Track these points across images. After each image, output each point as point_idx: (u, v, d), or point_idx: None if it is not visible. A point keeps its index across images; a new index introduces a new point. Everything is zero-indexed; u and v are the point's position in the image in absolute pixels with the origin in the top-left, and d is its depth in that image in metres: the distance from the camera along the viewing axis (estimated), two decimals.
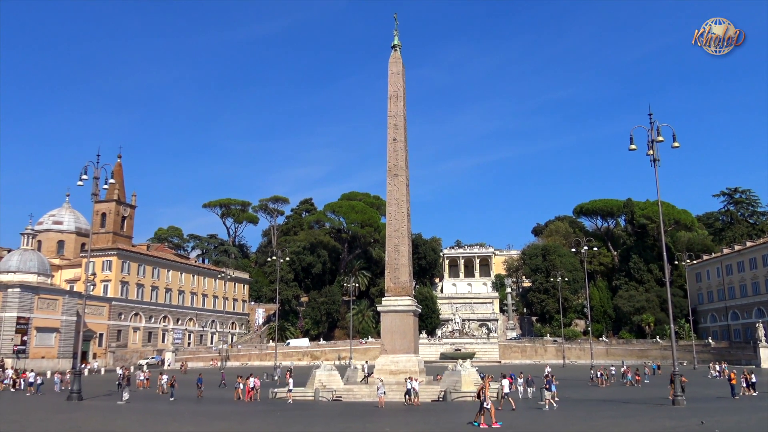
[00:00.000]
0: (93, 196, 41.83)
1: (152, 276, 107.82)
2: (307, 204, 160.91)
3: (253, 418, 29.69)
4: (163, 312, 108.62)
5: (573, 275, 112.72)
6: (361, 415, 30.84)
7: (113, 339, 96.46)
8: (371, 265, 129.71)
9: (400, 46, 47.21)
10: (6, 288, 77.76)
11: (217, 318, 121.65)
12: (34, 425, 25.75)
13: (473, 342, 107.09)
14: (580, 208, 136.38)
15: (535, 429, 25.63)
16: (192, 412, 31.89)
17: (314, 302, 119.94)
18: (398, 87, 46.33)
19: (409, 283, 43.79)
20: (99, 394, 42.24)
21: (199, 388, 42.11)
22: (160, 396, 42.80)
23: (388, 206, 45.64)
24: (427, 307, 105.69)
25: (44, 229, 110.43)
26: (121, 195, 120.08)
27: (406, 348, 42.30)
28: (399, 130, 45.57)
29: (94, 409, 33.51)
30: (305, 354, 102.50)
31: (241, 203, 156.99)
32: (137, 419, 28.18)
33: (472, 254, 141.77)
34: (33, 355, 77.70)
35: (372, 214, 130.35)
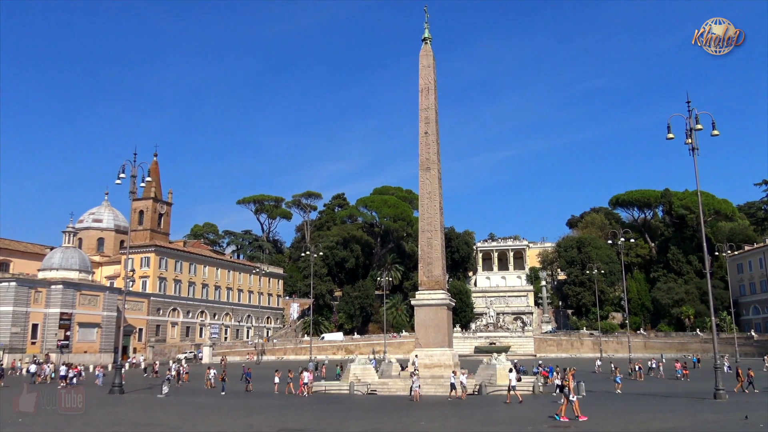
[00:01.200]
0: (131, 195, 42.67)
1: (189, 272, 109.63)
2: (340, 199, 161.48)
3: (289, 411, 30.00)
4: (200, 307, 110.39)
5: (609, 267, 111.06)
6: (396, 408, 30.92)
7: (152, 334, 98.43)
8: (404, 259, 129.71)
9: (430, 38, 46.96)
10: (49, 285, 79.91)
11: (252, 313, 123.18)
12: (78, 418, 26.42)
13: (508, 335, 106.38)
14: (616, 200, 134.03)
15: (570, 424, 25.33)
16: (231, 406, 32.33)
17: (348, 297, 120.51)
18: (429, 80, 46.12)
19: (442, 277, 43.67)
20: (140, 388, 43.20)
21: (248, 382, 42.20)
22: (208, 390, 43.03)
23: (421, 200, 45.55)
24: (461, 301, 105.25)
25: (85, 227, 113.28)
26: (157, 193, 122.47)
27: (441, 342, 42.24)
28: (430, 123, 45.38)
29: (135, 402, 34.27)
30: (339, 348, 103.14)
31: (274, 199, 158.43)
32: (177, 412, 28.72)
33: (505, 247, 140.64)
34: (76, 349, 79.74)
35: (404, 208, 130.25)
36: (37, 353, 74.10)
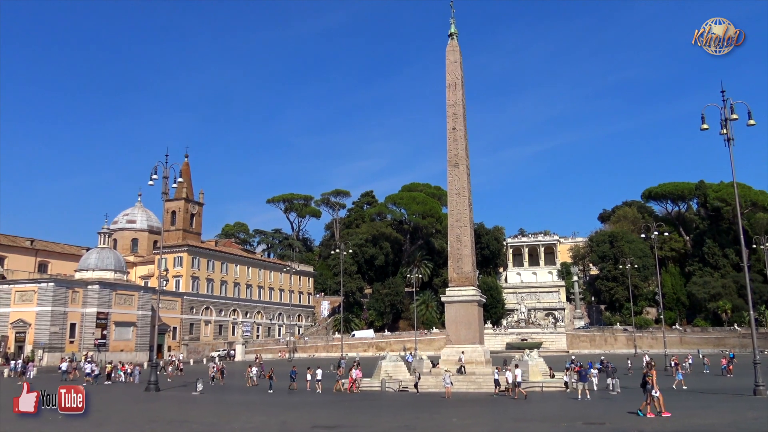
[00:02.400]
0: (163, 195, 43.35)
1: (221, 271, 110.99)
2: (368, 197, 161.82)
3: (322, 408, 30.20)
4: (233, 305, 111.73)
5: (643, 262, 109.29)
6: (428, 405, 30.90)
7: (186, 332, 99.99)
8: (434, 255, 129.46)
9: (457, 34, 46.66)
10: (86, 285, 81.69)
11: (283, 311, 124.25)
12: (115, 414, 26.98)
13: (540, 332, 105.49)
14: (648, 193, 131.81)
15: (606, 420, 25.01)
16: (265, 403, 32.66)
17: (378, 294, 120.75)
18: (456, 75, 45.87)
19: (472, 273, 43.46)
20: (175, 385, 43.90)
21: (292, 380, 41.67)
22: (250, 388, 42.98)
23: (449, 196, 45.35)
24: (492, 297, 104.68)
25: (119, 228, 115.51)
26: (189, 193, 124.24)
27: (471, 338, 42.06)
28: (458, 119, 45.15)
29: (171, 399, 34.84)
30: (370, 345, 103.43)
31: (303, 198, 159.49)
32: (211, 409, 29.12)
33: (536, 242, 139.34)
34: (112, 348, 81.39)
35: (433, 204, 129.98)
36: (76, 352, 75.87)
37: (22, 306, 78.58)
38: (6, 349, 76.05)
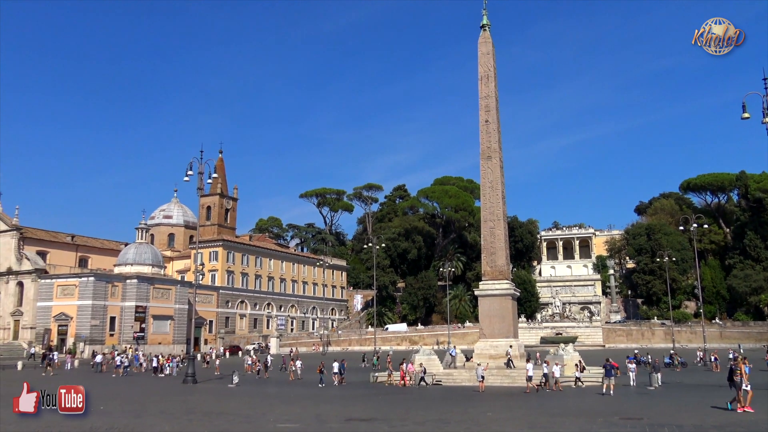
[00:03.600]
0: (198, 191, 44.03)
1: (255, 265, 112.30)
2: (401, 190, 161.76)
3: (357, 401, 30.36)
4: (267, 299, 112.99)
5: (681, 255, 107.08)
6: (462, 399, 30.82)
7: (222, 325, 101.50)
8: (466, 249, 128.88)
9: (489, 25, 46.20)
10: (125, 279, 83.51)
11: (317, 304, 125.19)
12: (153, 406, 27.56)
13: (575, 326, 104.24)
14: (687, 184, 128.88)
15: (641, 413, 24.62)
16: (300, 395, 32.97)
17: (411, 288, 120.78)
18: (489, 67, 45.43)
19: (506, 267, 43.13)
20: (212, 378, 44.62)
21: (341, 375, 40.71)
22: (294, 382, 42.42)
23: (482, 189, 45.01)
24: (526, 291, 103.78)
25: (156, 224, 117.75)
26: (223, 188, 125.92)
27: (505, 332, 41.78)
28: (491, 111, 44.75)
29: (208, 391, 35.42)
30: (403, 339, 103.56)
31: (336, 192, 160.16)
32: (247, 401, 29.52)
33: (570, 236, 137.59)
34: (151, 341, 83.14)
35: (466, 198, 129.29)
36: (116, 344, 77.71)
37: (64, 300, 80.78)
38: (49, 341, 78.29)
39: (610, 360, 33.77)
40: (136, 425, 21.36)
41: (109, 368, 52.67)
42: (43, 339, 78.83)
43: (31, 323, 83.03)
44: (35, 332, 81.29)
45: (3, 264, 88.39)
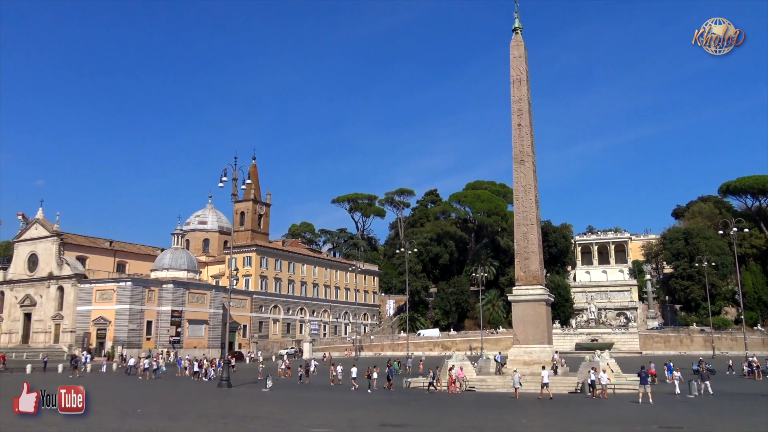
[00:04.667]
0: (232, 197, 44.54)
1: (288, 270, 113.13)
2: (432, 195, 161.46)
3: (390, 406, 30.31)
4: (300, 304, 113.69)
5: (721, 259, 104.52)
6: (496, 405, 30.55)
7: (255, 330, 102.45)
8: (499, 254, 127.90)
9: (521, 28, 45.92)
10: (161, 284, 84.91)
11: (349, 309, 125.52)
12: (189, 409, 27.94)
13: (611, 332, 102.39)
14: (726, 187, 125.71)
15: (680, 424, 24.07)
16: (333, 400, 33.04)
17: (443, 293, 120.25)
18: (521, 71, 45.12)
19: (539, 272, 42.66)
20: (246, 382, 45.04)
21: (389, 380, 40.64)
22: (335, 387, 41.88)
23: (515, 194, 44.67)
24: (560, 296, 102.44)
25: (191, 229, 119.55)
26: (257, 194, 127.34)
27: (539, 338, 41.29)
28: (523, 115, 44.40)
29: (242, 395, 35.75)
30: (436, 344, 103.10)
31: (367, 197, 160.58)
32: (281, 406, 29.72)
33: (606, 240, 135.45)
34: (186, 345, 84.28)
35: (498, 202, 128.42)
36: (152, 348, 78.98)
37: (102, 304, 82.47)
38: (89, 345, 79.99)
39: (649, 365, 33.08)
40: (172, 428, 21.66)
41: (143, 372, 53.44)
42: (83, 342, 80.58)
43: (71, 327, 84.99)
44: (75, 336, 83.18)
45: (44, 269, 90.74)
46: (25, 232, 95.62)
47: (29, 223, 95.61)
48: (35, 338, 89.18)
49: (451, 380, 37.36)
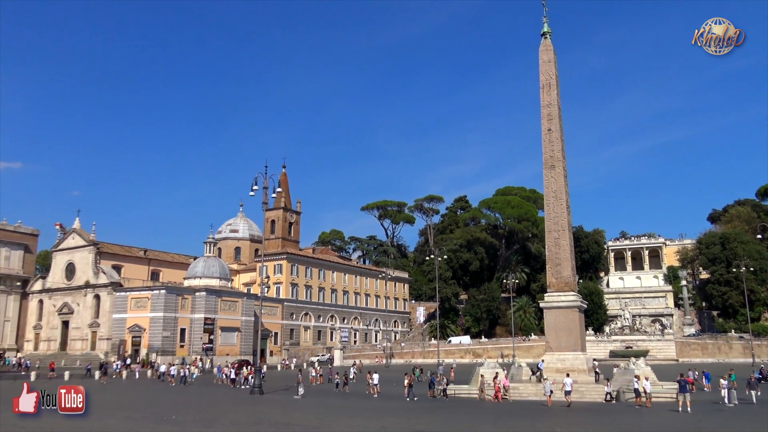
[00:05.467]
0: (263, 205, 45.01)
1: (319, 277, 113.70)
2: (462, 201, 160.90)
3: (421, 414, 30.21)
4: (330, 311, 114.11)
5: (759, 264, 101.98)
6: (529, 413, 30.22)
7: (287, 337, 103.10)
8: (530, 260, 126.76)
9: (550, 33, 45.55)
10: (194, 292, 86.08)
11: (380, 316, 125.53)
12: (223, 416, 28.22)
13: (646, 339, 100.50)
14: (764, 190, 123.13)
15: None
16: (365, 407, 33.04)
17: (474, 299, 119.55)
18: (550, 75, 44.76)
19: (572, 278, 42.13)
20: (278, 389, 45.31)
21: (431, 388, 40.07)
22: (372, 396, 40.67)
23: (546, 199, 44.24)
24: (593, 303, 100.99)
25: (223, 238, 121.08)
26: (287, 202, 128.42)
27: (573, 345, 40.72)
28: (553, 119, 44.02)
29: (274, 402, 35.99)
30: (467, 352, 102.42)
31: (397, 204, 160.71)
32: (313, 413, 29.83)
33: (639, 245, 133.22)
34: (219, 352, 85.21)
35: (528, 208, 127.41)
36: (186, 356, 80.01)
37: (137, 312, 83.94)
38: (124, 352, 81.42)
39: (687, 373, 32.33)
40: None
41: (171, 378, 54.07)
42: (119, 350, 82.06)
43: (107, 334, 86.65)
44: (111, 343, 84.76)
45: (81, 278, 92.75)
46: (62, 241, 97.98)
47: (67, 232, 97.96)
48: (73, 345, 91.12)
49: (497, 388, 36.73)
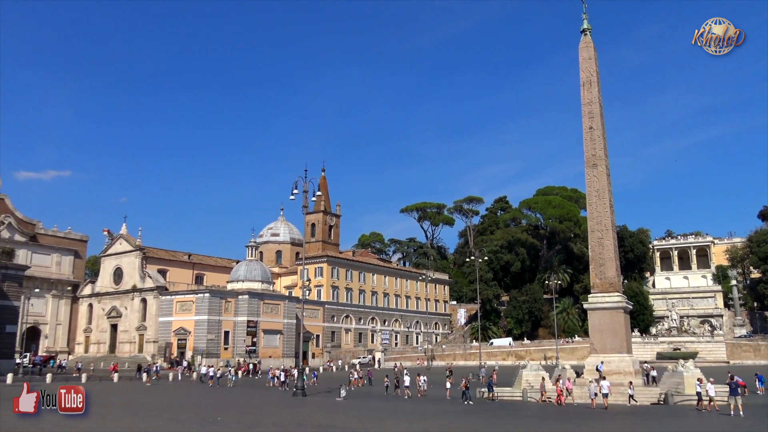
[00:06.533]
0: (303, 209, 45.34)
1: (359, 280, 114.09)
2: (502, 202, 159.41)
3: (464, 417, 30.01)
4: (371, 314, 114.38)
5: None
6: (574, 416, 29.70)
7: (328, 340, 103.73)
8: (573, 260, 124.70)
9: (590, 29, 44.80)
10: (237, 295, 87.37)
11: (420, 319, 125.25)
12: (266, 418, 28.54)
13: (694, 340, 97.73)
14: None
15: None
16: (406, 410, 32.98)
17: (515, 301, 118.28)
18: (591, 72, 44.01)
19: (616, 279, 41.30)
20: (320, 391, 45.64)
21: (491, 391, 39.81)
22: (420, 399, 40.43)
23: (588, 198, 43.50)
24: (638, 304, 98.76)
25: (264, 241, 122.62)
26: (327, 206, 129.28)
27: (618, 347, 39.89)
28: (594, 117, 43.26)
29: (316, 404, 36.23)
30: (509, 354, 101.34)
31: (436, 206, 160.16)
32: (355, 415, 29.92)
33: (686, 244, 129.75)
34: (262, 354, 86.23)
35: (570, 208, 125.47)
36: (230, 358, 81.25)
37: (182, 315, 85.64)
38: (170, 354, 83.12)
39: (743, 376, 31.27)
40: None
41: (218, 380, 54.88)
42: (165, 352, 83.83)
43: (153, 337, 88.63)
44: (157, 346, 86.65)
45: (128, 282, 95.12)
46: (110, 247, 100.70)
47: (114, 238, 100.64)
48: (121, 348, 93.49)
49: (558, 391, 35.99)
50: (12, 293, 63.19)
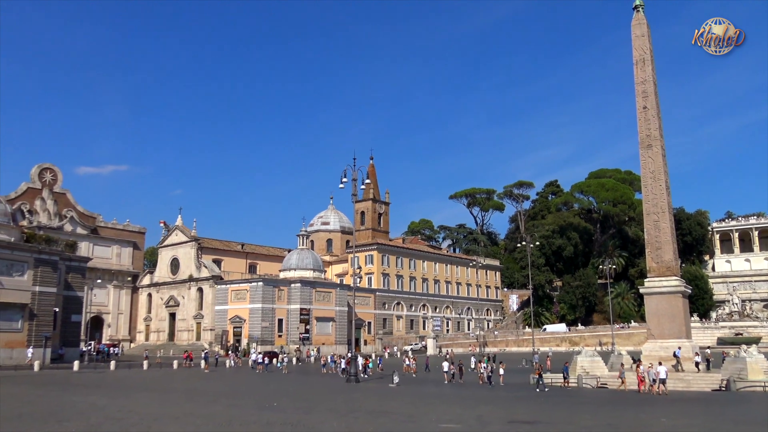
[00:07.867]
0: (353, 197, 45.58)
1: (409, 267, 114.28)
2: (553, 186, 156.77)
3: (519, 403, 29.84)
4: (422, 301, 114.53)
5: None
6: (632, 403, 29.14)
7: (380, 327, 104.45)
8: (627, 244, 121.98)
9: (642, 6, 43.41)
10: (289, 284, 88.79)
11: (471, 305, 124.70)
12: (321, 404, 29.00)
13: (758, 325, 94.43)
14: None
15: None
16: (460, 396, 32.99)
17: (568, 286, 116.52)
18: (644, 50, 42.69)
19: (674, 262, 40.20)
20: (373, 377, 46.04)
21: (565, 378, 39.06)
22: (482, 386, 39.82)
23: (643, 180, 42.38)
24: (697, 288, 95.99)
25: (315, 230, 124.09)
26: (375, 194, 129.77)
27: (676, 332, 38.91)
28: (649, 97, 42.01)
29: (370, 390, 36.58)
30: (563, 340, 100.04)
31: (485, 192, 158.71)
32: (409, 401, 30.08)
33: (748, 226, 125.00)
34: (315, 341, 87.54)
35: (624, 190, 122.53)
36: (284, 345, 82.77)
37: (237, 303, 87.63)
38: (226, 342, 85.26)
39: None
40: (307, 421, 22.57)
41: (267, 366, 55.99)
42: (221, 340, 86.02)
43: (210, 325, 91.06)
44: (214, 333, 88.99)
45: (185, 272, 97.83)
46: (167, 238, 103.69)
47: (170, 229, 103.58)
48: (179, 336, 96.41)
49: (639, 377, 34.24)
50: (76, 284, 65.92)
